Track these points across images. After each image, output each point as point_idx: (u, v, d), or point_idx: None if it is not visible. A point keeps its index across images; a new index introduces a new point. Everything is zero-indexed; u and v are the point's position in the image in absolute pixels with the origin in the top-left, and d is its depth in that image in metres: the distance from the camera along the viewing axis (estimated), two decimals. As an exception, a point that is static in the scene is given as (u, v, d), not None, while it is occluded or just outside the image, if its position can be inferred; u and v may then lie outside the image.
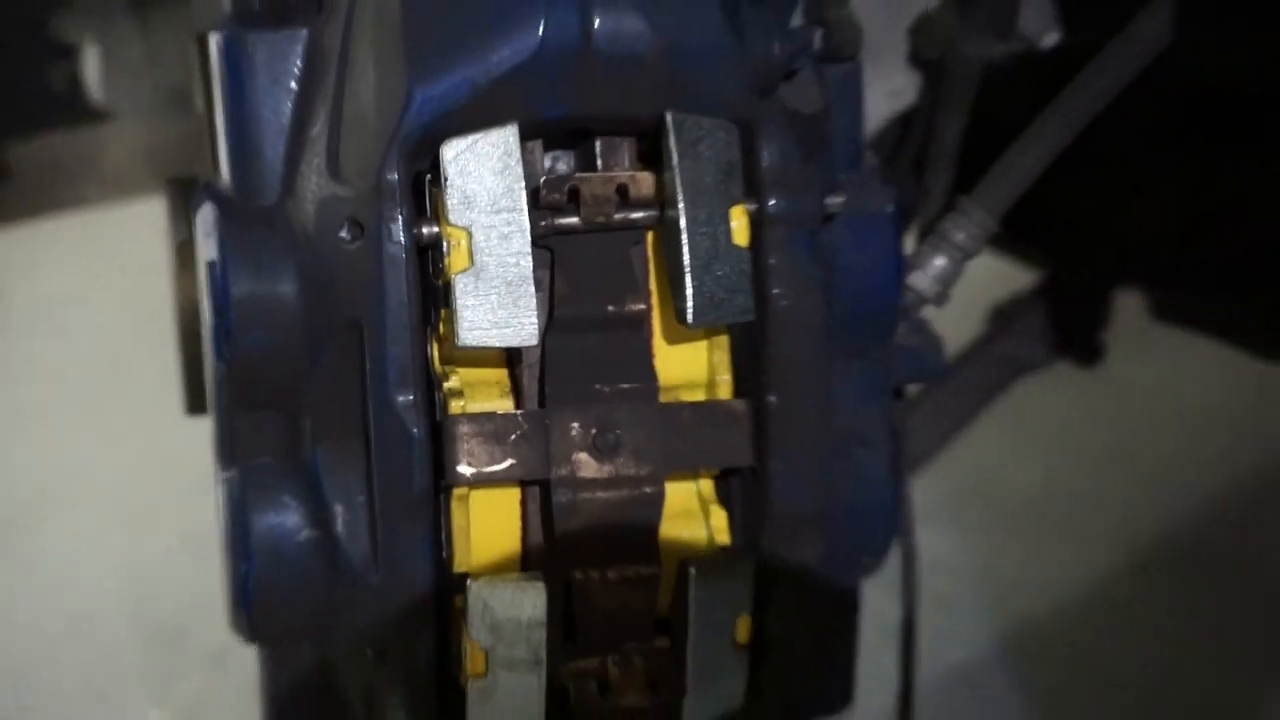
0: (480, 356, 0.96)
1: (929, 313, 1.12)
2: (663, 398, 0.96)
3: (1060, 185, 1.38)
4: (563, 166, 0.97)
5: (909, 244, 1.12)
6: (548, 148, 0.97)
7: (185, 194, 1.24)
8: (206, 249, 0.96)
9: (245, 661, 1.06)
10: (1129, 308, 1.70)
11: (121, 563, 2.56)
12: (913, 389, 1.25)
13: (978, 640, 2.34)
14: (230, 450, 0.97)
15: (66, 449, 2.84)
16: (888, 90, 1.28)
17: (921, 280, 1.12)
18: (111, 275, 2.88)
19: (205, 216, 0.96)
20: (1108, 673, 2.30)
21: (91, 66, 1.72)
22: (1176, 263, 1.56)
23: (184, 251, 1.24)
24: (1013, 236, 1.50)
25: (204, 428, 1.04)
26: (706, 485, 0.99)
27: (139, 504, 2.65)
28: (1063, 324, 1.62)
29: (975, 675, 2.28)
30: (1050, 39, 1.27)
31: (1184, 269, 1.57)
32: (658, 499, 0.95)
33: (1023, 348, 1.61)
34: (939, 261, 1.11)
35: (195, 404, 1.30)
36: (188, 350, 1.26)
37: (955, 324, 1.22)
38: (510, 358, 0.97)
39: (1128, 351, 1.78)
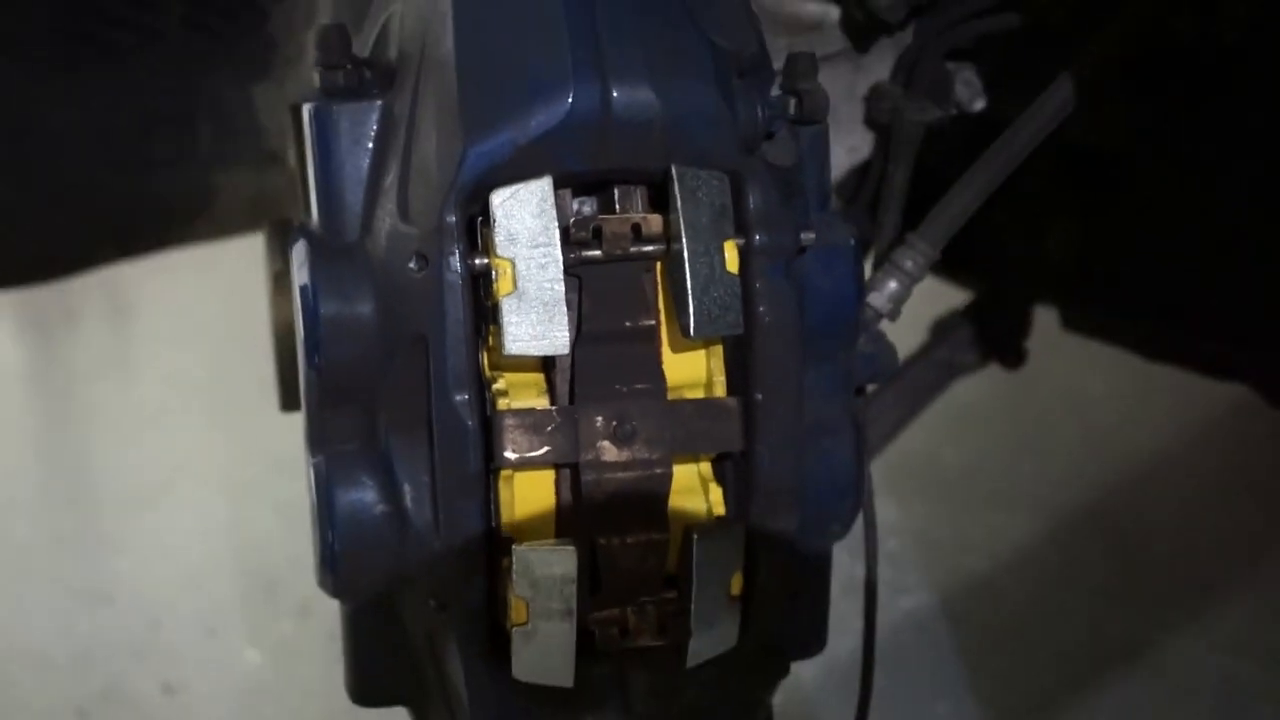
0: (522, 363, 0.96)
1: (884, 326, 1.12)
2: (669, 396, 0.96)
3: (987, 223, 1.38)
4: (588, 209, 0.96)
5: (867, 271, 1.12)
6: (575, 194, 0.96)
7: (281, 232, 1.24)
8: (300, 277, 0.95)
9: (327, 612, 1.06)
10: (1043, 320, 1.70)
11: (228, 530, 2.57)
12: (870, 388, 1.24)
13: (920, 590, 2.33)
14: (319, 439, 0.97)
15: (183, 440, 2.84)
16: (847, 147, 1.27)
17: (878, 299, 1.11)
18: (219, 297, 2.89)
19: (299, 251, 0.96)
20: (1033, 615, 2.29)
21: (205, 131, 1.72)
22: (1078, 283, 1.57)
23: (280, 279, 1.24)
24: (950, 263, 1.50)
25: (296, 422, 1.04)
26: (705, 466, 0.99)
27: (242, 483, 2.66)
28: (990, 333, 1.62)
29: (921, 619, 2.28)
30: (978, 105, 1.27)
31: (1084, 288, 1.57)
32: (666, 478, 0.95)
33: (958, 353, 1.61)
34: (892, 284, 1.11)
35: (289, 403, 1.31)
36: (282, 359, 1.26)
37: (904, 335, 1.22)
38: (546, 364, 0.97)
39: (1042, 355, 1.78)
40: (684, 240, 0.92)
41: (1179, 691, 2.11)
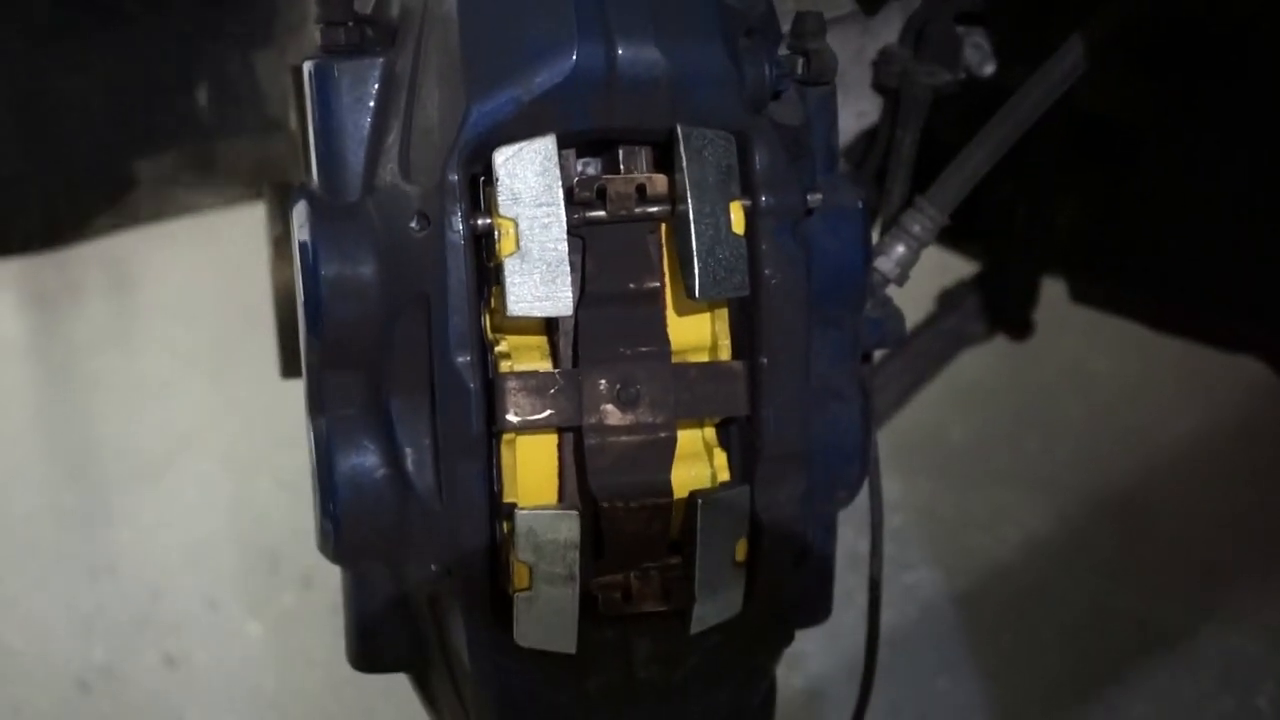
0: (524, 325, 0.95)
1: (891, 291, 1.11)
2: (674, 359, 0.95)
3: (995, 193, 1.37)
4: (592, 170, 0.95)
5: (874, 235, 1.11)
6: (579, 155, 0.95)
7: (282, 196, 1.22)
8: (301, 237, 0.94)
9: (329, 584, 1.05)
10: (1049, 295, 1.68)
11: (230, 503, 2.56)
12: (878, 355, 1.23)
13: (923, 566, 2.33)
14: (320, 402, 0.96)
15: (185, 412, 2.83)
16: (855, 111, 1.26)
17: (885, 264, 1.10)
18: (222, 270, 2.88)
19: (300, 211, 0.95)
20: (1037, 591, 2.29)
21: (204, 98, 1.70)
22: (1086, 255, 1.55)
23: (280, 243, 1.23)
24: (958, 234, 1.49)
25: (296, 392, 1.03)
26: (709, 432, 0.98)
27: (244, 456, 2.65)
28: (998, 304, 1.60)
29: (924, 595, 2.27)
30: (988, 70, 1.25)
31: (1092, 259, 1.56)
32: (671, 442, 0.94)
33: (966, 324, 1.59)
34: (900, 249, 1.10)
35: (289, 369, 1.30)
36: (282, 324, 1.25)
37: (910, 305, 1.20)
38: (549, 326, 0.96)
39: (1047, 331, 1.76)
40: (689, 200, 0.90)
41: (1183, 667, 2.10)
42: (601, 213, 0.92)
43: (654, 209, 0.93)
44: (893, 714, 2.03)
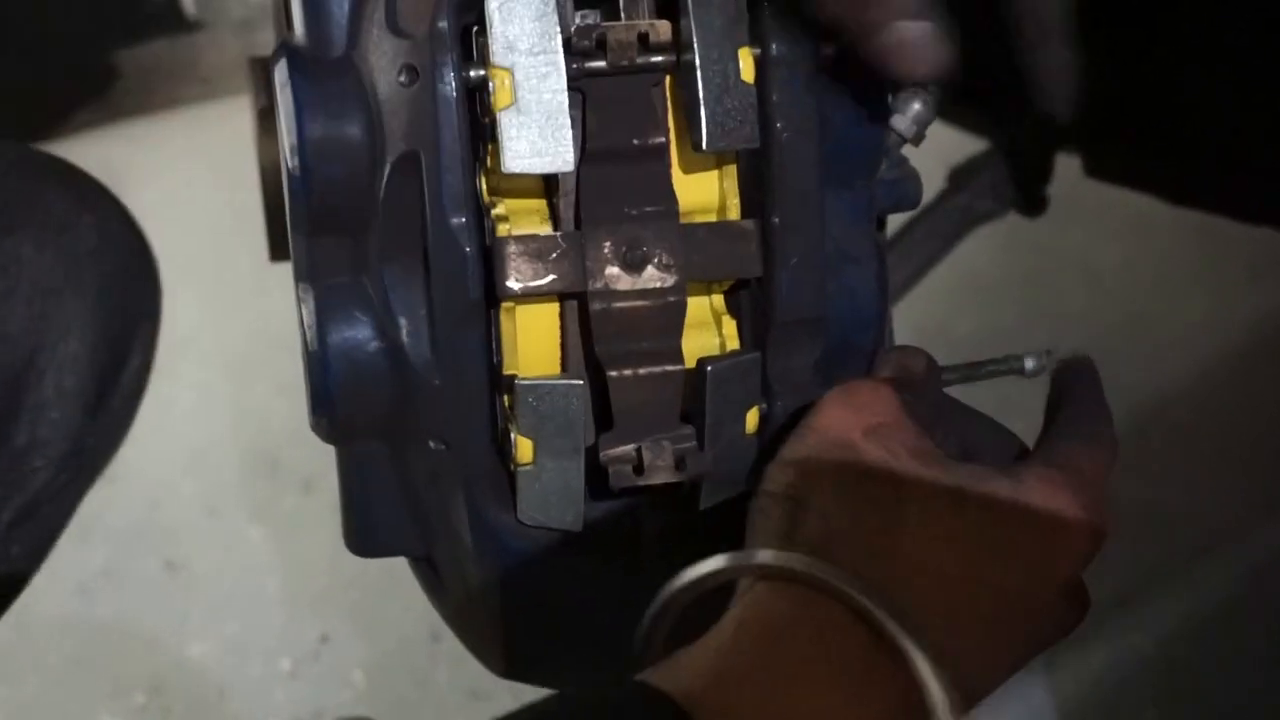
0: (522, 188, 0.90)
1: (907, 152, 1.05)
2: (681, 220, 0.90)
3: (1009, 62, 1.31)
4: (591, 20, 0.89)
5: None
6: (577, 5, 0.89)
7: (265, 68, 1.17)
8: (283, 96, 0.89)
9: (329, 488, 1.02)
10: (1064, 171, 1.63)
11: (229, 409, 2.52)
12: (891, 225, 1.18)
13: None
14: (308, 272, 0.91)
15: (182, 319, 2.76)
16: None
17: (900, 122, 1.04)
18: (211, 165, 2.81)
19: (281, 69, 0.89)
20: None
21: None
22: (1103, 123, 1.49)
23: (265, 116, 1.18)
24: (970, 109, 1.43)
25: (291, 294, 0.98)
26: (718, 299, 0.94)
27: (242, 362, 2.60)
28: (1010, 180, 1.55)
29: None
30: None
31: (1109, 128, 1.49)
32: (681, 306, 0.90)
33: (977, 200, 1.54)
34: (915, 105, 1.03)
35: (278, 252, 1.25)
36: (270, 204, 1.20)
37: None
38: (548, 187, 0.91)
39: (1056, 220, 1.72)
40: (695, 47, 0.85)
41: (1200, 553, 2.08)
42: (601, 63, 0.87)
43: (657, 58, 0.88)
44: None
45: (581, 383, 0.87)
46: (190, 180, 3.04)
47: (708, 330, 0.92)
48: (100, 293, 1.23)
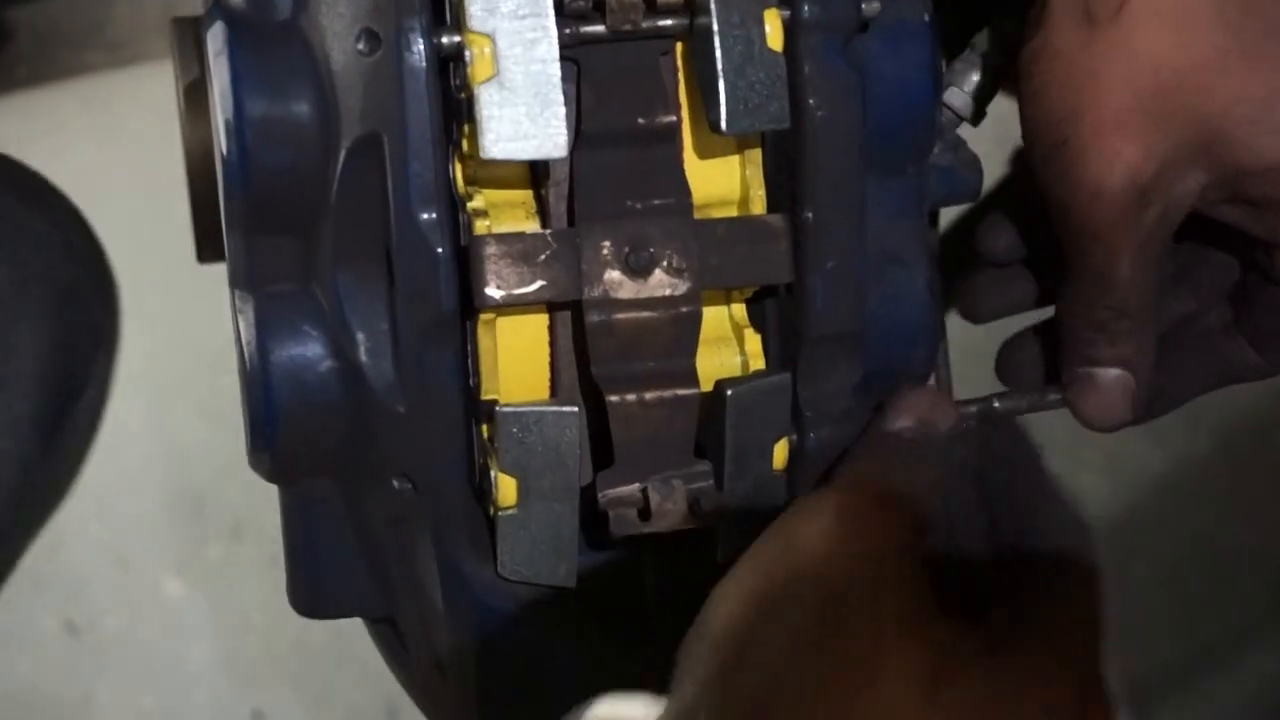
0: (505, 177, 0.91)
1: (964, 132, 1.06)
2: (695, 215, 0.91)
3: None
4: None
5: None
6: None
7: (193, 32, 1.17)
8: (219, 69, 0.89)
9: (264, 532, 1.03)
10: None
11: (144, 439, 2.53)
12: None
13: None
14: (248, 278, 0.92)
15: (84, 329, 2.80)
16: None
17: (956, 98, 1.05)
18: (120, 144, 2.83)
19: (216, 34, 0.90)
20: (1127, 523, 2.27)
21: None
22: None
23: (193, 92, 1.18)
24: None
25: (221, 292, 0.99)
26: (739, 309, 0.94)
27: (160, 380, 2.61)
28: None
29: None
30: None
31: None
32: (695, 318, 0.90)
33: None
34: (975, 77, 1.05)
35: (208, 251, 1.25)
36: (197, 194, 1.20)
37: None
38: (536, 177, 0.92)
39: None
40: (713, 9, 0.86)
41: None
42: (600, 28, 0.87)
43: (667, 21, 0.88)
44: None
45: (576, 410, 0.88)
46: (97, 164, 3.05)
47: (727, 347, 0.93)
48: (54, 309, 1.24)
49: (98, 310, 1.32)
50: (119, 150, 2.89)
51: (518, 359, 0.91)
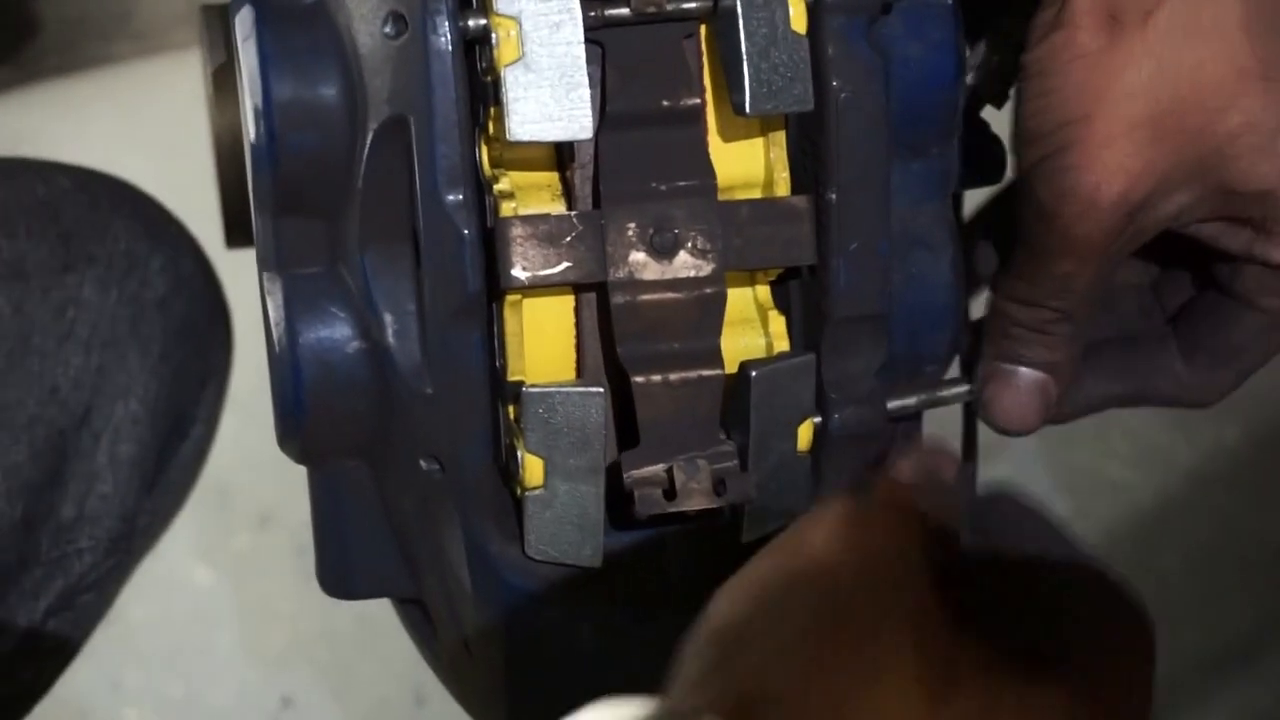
0: (530, 159, 0.92)
1: (988, 114, 1.07)
2: (720, 197, 0.92)
3: None
4: None
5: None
6: None
7: (222, 20, 1.19)
8: (247, 54, 0.91)
9: (291, 520, 1.04)
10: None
11: (169, 428, 2.54)
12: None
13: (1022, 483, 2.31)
14: (275, 260, 0.93)
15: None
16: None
17: (979, 79, 1.06)
18: (147, 135, 2.84)
19: (244, 19, 0.91)
20: (1155, 513, 2.27)
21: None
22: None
23: (221, 76, 1.19)
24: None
25: (250, 283, 1.00)
26: (763, 291, 0.95)
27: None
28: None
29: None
30: None
31: None
32: (719, 298, 0.91)
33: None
34: (997, 58, 1.06)
35: (236, 237, 1.26)
36: (226, 179, 1.22)
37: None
38: (561, 160, 0.92)
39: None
40: (737, -10, 0.87)
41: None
42: (624, 10, 0.88)
43: (691, 4, 0.89)
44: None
45: (601, 390, 0.89)
46: (124, 152, 3.07)
47: (751, 328, 0.94)
48: (167, 347, 1.24)
49: (210, 349, 1.31)
50: (146, 139, 2.91)
51: (543, 340, 0.92)
